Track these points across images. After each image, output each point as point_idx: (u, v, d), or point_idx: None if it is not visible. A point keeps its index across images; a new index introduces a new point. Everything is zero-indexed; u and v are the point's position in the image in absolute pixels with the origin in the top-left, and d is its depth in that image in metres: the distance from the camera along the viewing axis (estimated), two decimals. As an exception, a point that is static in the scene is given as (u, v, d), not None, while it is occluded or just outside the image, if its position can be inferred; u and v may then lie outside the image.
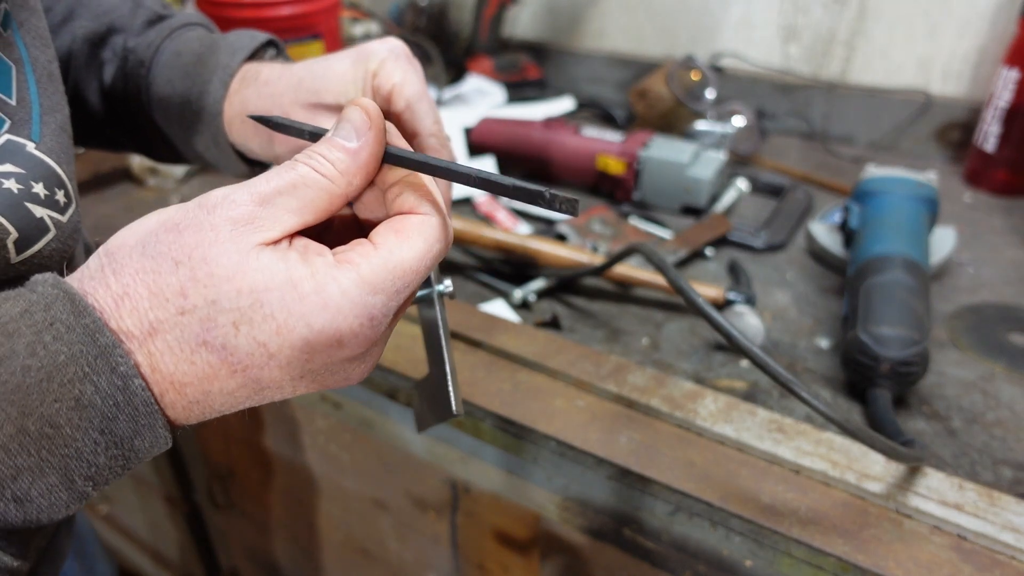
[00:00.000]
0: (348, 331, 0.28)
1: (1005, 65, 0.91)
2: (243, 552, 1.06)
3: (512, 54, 1.29)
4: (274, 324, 0.27)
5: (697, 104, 1.03)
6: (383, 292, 0.28)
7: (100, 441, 0.27)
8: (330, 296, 0.27)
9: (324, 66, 0.46)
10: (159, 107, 0.51)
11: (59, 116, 0.40)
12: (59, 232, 0.38)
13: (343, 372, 0.30)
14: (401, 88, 0.44)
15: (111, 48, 0.52)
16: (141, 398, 0.27)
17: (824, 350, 0.65)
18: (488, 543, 0.69)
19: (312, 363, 0.28)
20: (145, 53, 0.51)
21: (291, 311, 0.27)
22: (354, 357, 0.30)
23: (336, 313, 0.27)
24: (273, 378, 0.28)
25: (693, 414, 0.54)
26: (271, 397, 0.30)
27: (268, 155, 0.48)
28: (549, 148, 0.96)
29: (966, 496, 0.47)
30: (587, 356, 0.60)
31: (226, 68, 0.48)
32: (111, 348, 0.26)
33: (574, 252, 0.72)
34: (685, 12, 1.20)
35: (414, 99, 0.44)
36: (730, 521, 0.48)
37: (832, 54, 1.11)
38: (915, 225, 0.69)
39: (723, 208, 0.88)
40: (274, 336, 0.27)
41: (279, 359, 0.28)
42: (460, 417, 0.36)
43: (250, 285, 0.27)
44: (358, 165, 0.30)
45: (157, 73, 0.51)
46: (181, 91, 0.49)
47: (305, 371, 0.29)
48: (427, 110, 0.44)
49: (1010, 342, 0.65)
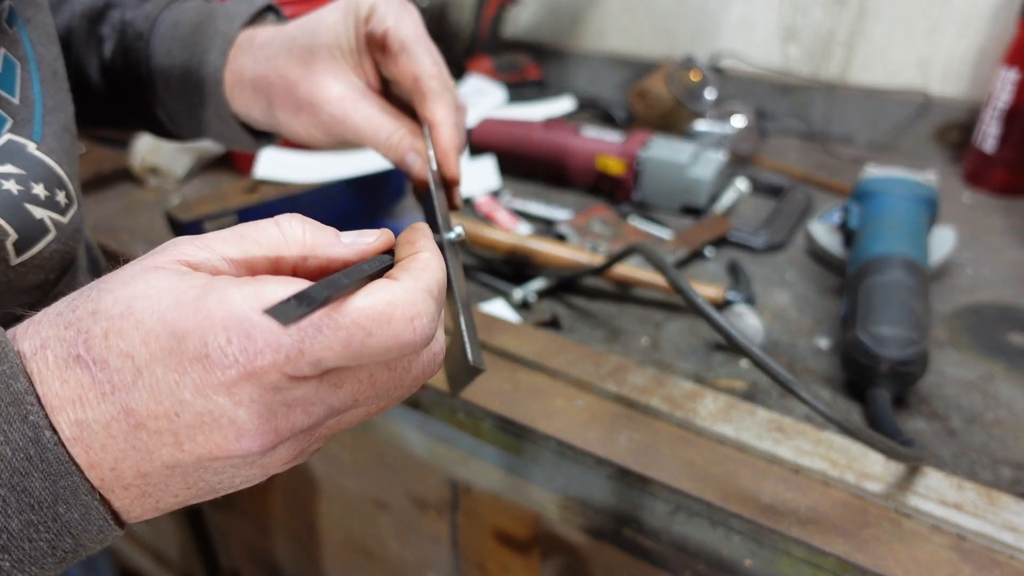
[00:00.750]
0: (213, 341, 0.23)
1: (1004, 65, 0.91)
2: (244, 552, 1.06)
3: (512, 54, 1.29)
4: (142, 332, 0.23)
5: (697, 104, 1.03)
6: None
7: (10, 500, 0.23)
8: (206, 301, 0.23)
9: (315, 20, 0.44)
10: (161, 80, 0.50)
11: (62, 116, 0.40)
12: (59, 233, 0.38)
13: (226, 416, 0.24)
14: (396, 31, 0.42)
15: (109, 23, 0.51)
16: (53, 453, 0.24)
17: (823, 350, 0.65)
18: (488, 543, 0.69)
19: (182, 389, 0.23)
20: (143, 25, 0.50)
21: (161, 317, 0.23)
22: (229, 388, 0.23)
23: (205, 318, 0.23)
24: (146, 408, 0.24)
25: (693, 414, 0.54)
26: (159, 459, 0.24)
27: (270, 122, 0.47)
28: (549, 148, 0.96)
29: (965, 496, 0.47)
30: (587, 356, 0.60)
31: (224, 36, 0.47)
32: (23, 395, 0.23)
33: (574, 252, 0.73)
34: (685, 12, 1.21)
35: (409, 41, 0.42)
36: (730, 520, 0.48)
37: (832, 54, 1.11)
38: (914, 225, 0.69)
39: (723, 208, 0.88)
40: (140, 346, 0.23)
41: (147, 378, 0.23)
42: (482, 369, 0.34)
43: (129, 293, 0.24)
44: (328, 258, 0.28)
45: (156, 45, 0.49)
46: (181, 62, 0.48)
47: (177, 402, 0.23)
48: (425, 51, 0.42)
49: (1009, 342, 0.66)
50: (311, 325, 0.23)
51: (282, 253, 0.27)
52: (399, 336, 0.25)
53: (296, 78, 0.44)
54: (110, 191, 0.98)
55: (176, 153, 0.98)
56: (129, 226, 0.89)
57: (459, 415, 0.58)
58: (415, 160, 0.43)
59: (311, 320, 0.23)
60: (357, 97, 0.44)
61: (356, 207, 0.72)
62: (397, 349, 0.25)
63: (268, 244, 0.27)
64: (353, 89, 0.44)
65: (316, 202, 0.69)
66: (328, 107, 0.43)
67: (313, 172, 0.85)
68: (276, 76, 0.44)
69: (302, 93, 0.44)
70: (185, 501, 0.27)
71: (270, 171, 0.88)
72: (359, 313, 0.24)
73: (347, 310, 0.24)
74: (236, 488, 0.28)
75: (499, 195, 0.94)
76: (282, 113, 0.45)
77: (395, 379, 0.27)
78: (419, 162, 0.43)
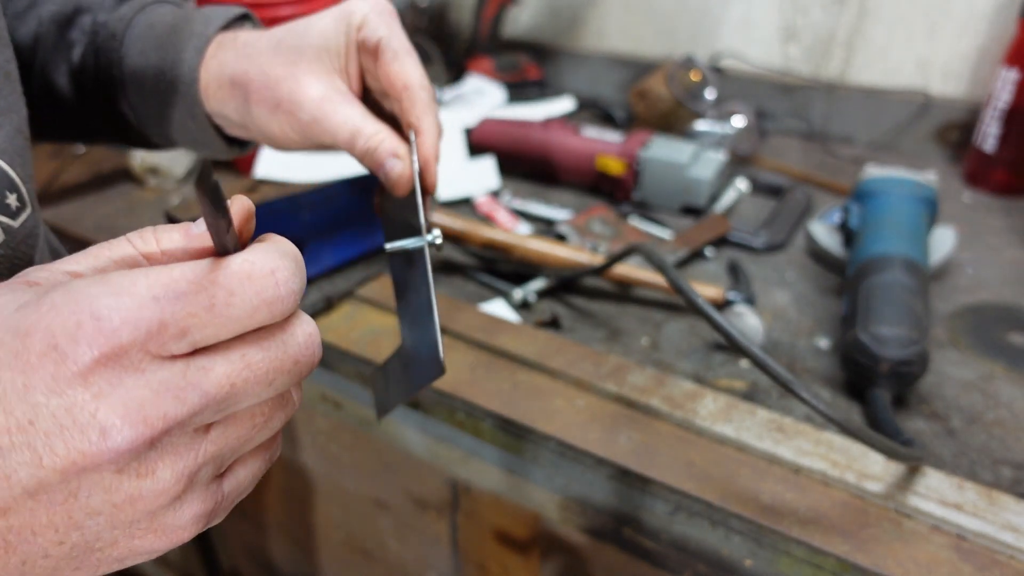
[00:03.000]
0: (61, 328, 0.21)
1: (1004, 65, 0.91)
2: (243, 552, 1.06)
3: (512, 54, 1.29)
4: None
5: (697, 104, 1.03)
6: (125, 294, 0.21)
7: None
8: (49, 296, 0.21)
9: (305, 24, 0.45)
10: (132, 81, 0.50)
11: (15, 117, 0.39)
12: (8, 238, 0.37)
13: (86, 413, 0.21)
14: (388, 42, 0.44)
15: (79, 28, 0.51)
16: None
17: (823, 350, 0.65)
18: (488, 543, 0.69)
19: (33, 392, 0.21)
20: (117, 26, 0.50)
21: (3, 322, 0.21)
22: (86, 378, 0.21)
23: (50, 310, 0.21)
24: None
25: (693, 414, 0.54)
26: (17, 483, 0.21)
27: (244, 120, 0.47)
28: (549, 148, 0.96)
29: (965, 496, 0.47)
30: (587, 356, 0.60)
31: (201, 36, 0.47)
32: None
33: (574, 252, 0.73)
34: (685, 12, 1.20)
35: (402, 52, 0.44)
36: (730, 521, 0.48)
37: (832, 54, 1.11)
38: (914, 225, 0.69)
39: (723, 208, 0.88)
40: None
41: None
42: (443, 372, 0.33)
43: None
44: (186, 252, 0.25)
45: (130, 46, 0.49)
46: (155, 62, 0.48)
47: (30, 408, 0.21)
48: (415, 64, 0.44)
49: (1009, 342, 0.66)
50: (168, 292, 0.22)
51: (132, 263, 0.25)
52: (262, 292, 0.23)
53: (279, 75, 0.44)
54: (110, 191, 0.98)
55: (176, 153, 0.98)
56: (129, 226, 0.88)
57: (459, 415, 0.58)
58: (395, 164, 0.43)
59: (169, 286, 0.22)
60: (339, 99, 0.44)
61: (356, 207, 0.72)
62: (264, 307, 0.23)
63: (120, 259, 0.25)
64: (335, 91, 0.44)
65: (316, 202, 0.69)
66: (308, 105, 0.43)
67: (313, 172, 0.85)
68: (257, 72, 0.44)
69: (283, 90, 0.44)
70: (58, 568, 0.23)
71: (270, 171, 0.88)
72: (217, 274, 0.23)
73: (203, 270, 0.22)
74: (129, 554, 0.24)
75: (499, 195, 0.94)
76: (259, 110, 0.45)
77: (271, 360, 0.24)
78: (399, 165, 0.43)
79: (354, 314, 0.68)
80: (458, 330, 0.64)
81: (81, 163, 1.00)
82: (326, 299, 0.69)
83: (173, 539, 0.24)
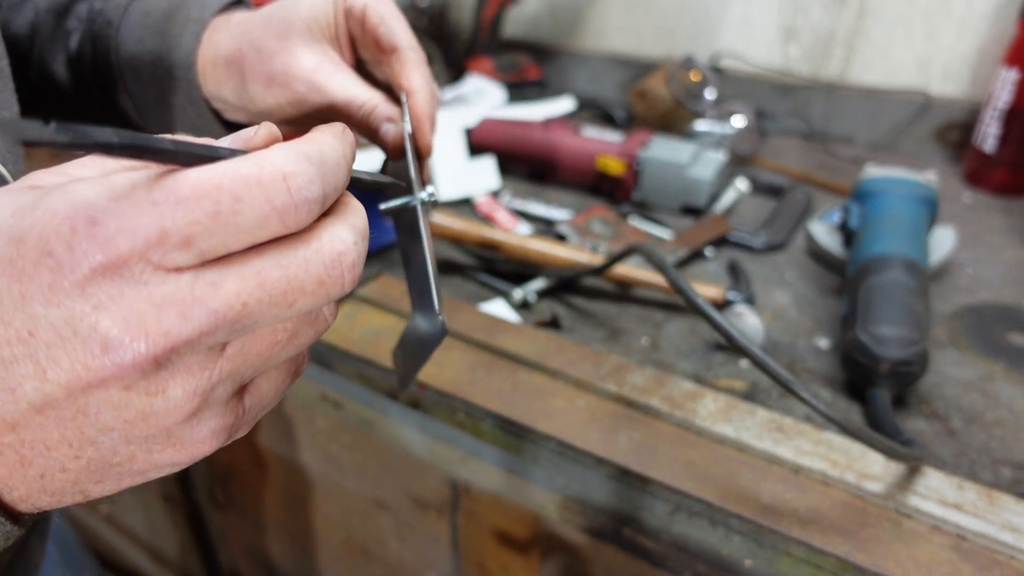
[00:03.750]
0: (55, 233, 0.20)
1: (1004, 65, 0.91)
2: (243, 552, 1.06)
3: (512, 54, 1.29)
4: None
5: (697, 104, 1.03)
6: (125, 199, 0.20)
7: None
8: (47, 199, 0.20)
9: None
10: (130, 68, 0.50)
11: (7, 114, 0.39)
12: None
13: (85, 323, 0.20)
14: (374, 6, 0.44)
15: (76, 16, 0.51)
16: None
17: (823, 350, 0.65)
18: (488, 543, 0.69)
19: (30, 301, 0.20)
20: (113, 14, 0.50)
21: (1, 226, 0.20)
22: (83, 286, 0.20)
23: (45, 212, 0.20)
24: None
25: (693, 414, 0.54)
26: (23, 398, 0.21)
27: (241, 100, 0.47)
28: (549, 148, 0.96)
29: (965, 496, 0.47)
30: (587, 356, 0.60)
31: (197, 21, 0.47)
32: None
33: (574, 252, 0.73)
34: (685, 12, 1.20)
35: (388, 15, 0.44)
36: (730, 521, 0.48)
37: (832, 54, 1.11)
38: (914, 225, 0.69)
39: (723, 208, 0.88)
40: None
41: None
42: (447, 332, 0.32)
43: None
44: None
45: (126, 33, 0.50)
46: (152, 48, 0.48)
47: (28, 319, 0.20)
48: (402, 26, 0.45)
49: (1009, 342, 0.66)
50: (169, 197, 0.20)
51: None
52: (273, 199, 0.21)
53: (272, 50, 0.44)
54: (110, 191, 0.98)
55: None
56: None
57: (459, 415, 0.58)
58: (390, 128, 0.44)
59: (170, 189, 0.20)
60: (332, 68, 0.44)
61: (356, 206, 0.72)
62: (275, 216, 0.21)
63: (132, 163, 0.23)
64: (328, 60, 0.45)
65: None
66: (303, 75, 0.44)
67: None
68: (251, 48, 0.45)
69: (277, 64, 0.44)
70: (79, 481, 0.22)
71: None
72: (222, 176, 0.20)
73: (207, 174, 0.21)
74: (151, 467, 0.23)
75: (499, 195, 0.94)
76: (255, 86, 0.45)
77: (290, 279, 0.22)
78: (393, 130, 0.44)
79: (354, 314, 0.68)
80: (458, 330, 0.64)
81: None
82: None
83: (194, 452, 0.23)
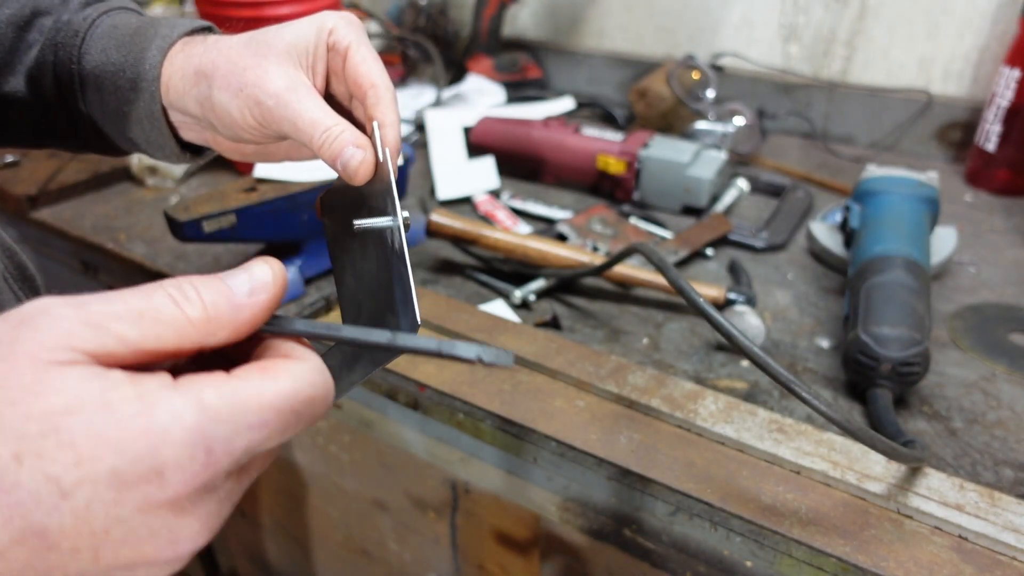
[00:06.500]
0: (173, 461, 0.22)
1: (1006, 65, 0.91)
2: (243, 552, 1.06)
3: (512, 54, 1.29)
4: (72, 454, 0.22)
5: (697, 104, 1.03)
6: (228, 423, 0.23)
7: None
8: (157, 419, 0.22)
9: (278, 26, 0.48)
10: (92, 78, 0.51)
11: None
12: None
13: (166, 528, 0.23)
14: (358, 46, 0.47)
15: (38, 29, 0.52)
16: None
17: (825, 350, 0.64)
18: (488, 543, 0.68)
19: (121, 507, 0.22)
20: (81, 25, 0.51)
21: (100, 437, 0.22)
22: (178, 503, 0.23)
23: (161, 437, 0.22)
24: (65, 530, 0.22)
25: (693, 414, 0.54)
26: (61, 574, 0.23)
27: (204, 108, 0.48)
28: (549, 148, 0.96)
29: (967, 496, 0.47)
30: (587, 356, 0.60)
31: (165, 38, 0.49)
32: None
33: (574, 252, 0.72)
34: (685, 12, 1.20)
35: (369, 57, 0.47)
36: (731, 522, 0.48)
37: (833, 54, 1.11)
38: (916, 225, 0.68)
39: (723, 208, 0.88)
40: (72, 468, 0.22)
41: (76, 500, 0.22)
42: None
43: (44, 408, 0.22)
44: (232, 322, 0.26)
45: (92, 44, 0.51)
46: (116, 60, 0.50)
47: (112, 520, 0.22)
48: (381, 68, 0.47)
49: (1011, 342, 0.65)
50: (252, 421, 0.24)
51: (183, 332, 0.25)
52: (318, 414, 0.27)
53: (247, 64, 0.46)
54: (108, 191, 0.98)
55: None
56: (127, 226, 0.88)
57: (459, 415, 0.58)
58: (354, 154, 0.45)
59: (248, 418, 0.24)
60: (303, 90, 0.46)
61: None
62: (315, 421, 0.27)
63: (169, 322, 0.25)
64: (300, 83, 0.46)
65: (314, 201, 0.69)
66: (274, 90, 0.45)
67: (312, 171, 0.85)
68: (225, 61, 0.46)
69: (249, 76, 0.46)
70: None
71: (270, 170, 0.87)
72: (290, 400, 0.25)
73: (279, 398, 0.25)
74: None
75: (499, 195, 0.94)
76: (221, 95, 0.46)
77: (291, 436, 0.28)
78: (359, 154, 0.45)
79: (353, 314, 0.68)
80: (458, 330, 0.64)
81: (79, 163, 1.00)
82: (325, 299, 0.69)
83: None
